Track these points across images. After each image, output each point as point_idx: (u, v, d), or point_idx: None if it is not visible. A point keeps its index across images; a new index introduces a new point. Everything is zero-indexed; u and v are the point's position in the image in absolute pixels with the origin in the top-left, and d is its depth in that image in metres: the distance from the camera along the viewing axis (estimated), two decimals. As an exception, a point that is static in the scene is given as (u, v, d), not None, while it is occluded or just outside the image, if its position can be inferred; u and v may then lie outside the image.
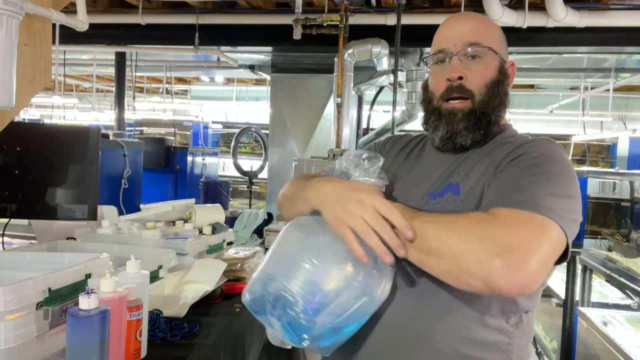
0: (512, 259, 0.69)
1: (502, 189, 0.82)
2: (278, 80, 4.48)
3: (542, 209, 0.75)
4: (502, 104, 0.97)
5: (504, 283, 0.69)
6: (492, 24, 1.01)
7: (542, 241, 0.73)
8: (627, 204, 4.43)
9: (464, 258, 0.71)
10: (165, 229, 1.88)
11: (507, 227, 0.73)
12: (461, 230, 0.74)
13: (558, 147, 0.91)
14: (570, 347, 3.44)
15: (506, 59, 1.00)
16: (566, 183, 0.82)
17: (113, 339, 0.97)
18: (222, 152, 7.48)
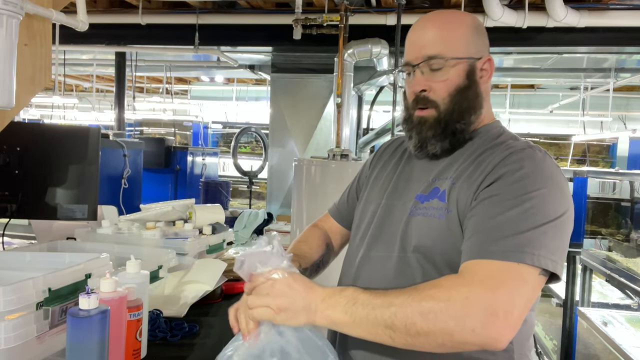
0: (500, 324, 0.73)
1: (480, 232, 0.82)
2: (278, 80, 4.48)
3: (522, 256, 0.77)
4: (472, 107, 0.95)
5: (498, 344, 0.74)
6: (455, 26, 0.95)
7: (521, 295, 0.76)
8: (627, 204, 4.43)
9: (459, 334, 0.74)
10: (165, 229, 1.88)
11: (488, 290, 0.75)
12: (447, 306, 0.74)
13: (542, 157, 0.88)
14: (570, 347, 3.44)
15: (480, 55, 0.95)
16: (551, 204, 0.82)
17: (113, 339, 0.97)
18: (222, 152, 7.48)
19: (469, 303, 0.74)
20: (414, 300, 0.76)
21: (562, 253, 0.82)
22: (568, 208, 0.84)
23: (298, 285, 0.80)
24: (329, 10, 3.35)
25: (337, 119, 3.09)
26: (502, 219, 0.81)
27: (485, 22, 3.31)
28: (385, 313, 0.75)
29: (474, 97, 0.95)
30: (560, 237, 0.81)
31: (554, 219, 0.81)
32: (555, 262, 0.79)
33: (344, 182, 1.28)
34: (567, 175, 3.67)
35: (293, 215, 2.91)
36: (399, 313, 0.75)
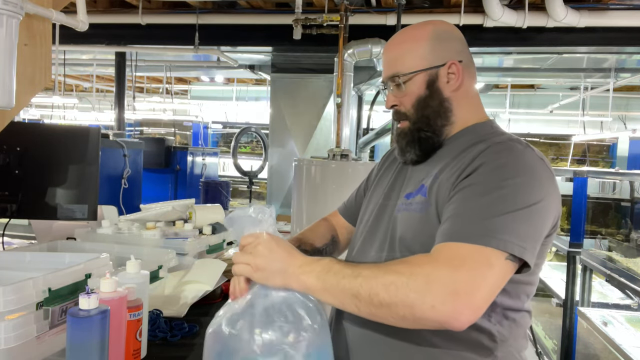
0: (460, 303, 0.75)
1: (453, 217, 0.85)
2: (278, 80, 4.48)
3: (489, 240, 0.79)
4: (436, 112, 0.99)
5: (456, 323, 0.76)
6: (410, 43, 1.01)
7: (486, 278, 0.77)
8: (627, 204, 4.44)
9: (418, 307, 0.76)
10: (165, 229, 1.88)
11: (451, 268, 0.77)
12: (409, 280, 0.77)
13: (521, 149, 0.90)
14: (570, 347, 3.44)
15: (443, 61, 0.99)
16: (525, 193, 0.83)
17: (113, 339, 0.97)
18: (222, 152, 7.48)
19: (431, 279, 0.76)
20: (380, 272, 0.79)
21: (534, 241, 0.82)
22: (544, 197, 0.85)
23: (279, 249, 0.85)
24: (329, 10, 3.35)
25: (337, 119, 3.09)
26: (474, 205, 0.83)
27: (485, 22, 3.31)
28: (353, 283, 0.79)
29: (438, 103, 1.00)
30: (532, 225, 0.82)
31: (527, 207, 0.82)
32: (524, 249, 0.80)
33: (344, 182, 1.31)
34: (567, 175, 3.69)
35: (293, 215, 2.91)
36: (365, 284, 0.79)
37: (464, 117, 1.01)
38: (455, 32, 1.05)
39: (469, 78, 1.02)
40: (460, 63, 1.00)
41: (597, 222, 4.37)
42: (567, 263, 3.59)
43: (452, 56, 1.00)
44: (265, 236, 0.86)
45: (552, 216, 0.88)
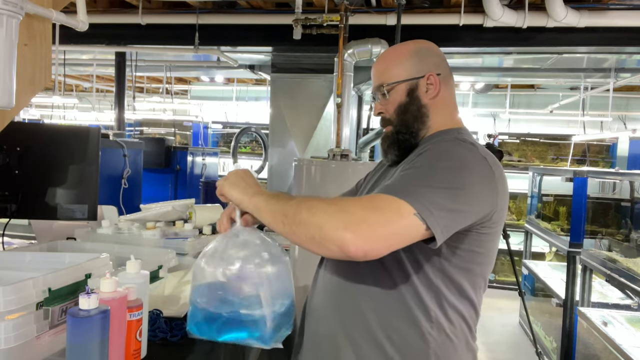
0: (359, 231, 0.85)
1: (390, 179, 1.00)
2: (278, 80, 4.47)
3: (406, 196, 0.89)
4: (415, 118, 1.12)
5: (351, 248, 0.85)
6: (394, 55, 1.17)
7: (389, 222, 0.88)
8: (627, 204, 4.44)
9: (325, 227, 0.87)
10: (165, 229, 1.88)
11: (366, 206, 0.89)
12: (329, 206, 0.90)
13: (464, 146, 1.01)
14: (570, 347, 3.44)
15: (423, 73, 1.12)
16: (449, 176, 0.93)
17: (113, 339, 0.97)
18: (222, 152, 7.47)
19: (344, 209, 0.88)
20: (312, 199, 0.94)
21: (445, 215, 0.90)
22: (469, 187, 0.94)
23: (246, 176, 1.07)
24: (329, 10, 3.35)
25: (337, 119, 3.09)
26: (405, 175, 0.96)
27: (485, 22, 3.31)
28: (287, 205, 0.95)
29: (417, 109, 1.13)
30: (448, 202, 0.91)
31: (449, 187, 0.92)
32: (431, 213, 0.88)
33: (344, 182, 1.35)
34: (567, 175, 3.68)
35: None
36: (295, 205, 0.93)
37: (438, 122, 1.13)
38: (435, 49, 1.18)
39: (446, 89, 1.15)
40: (438, 75, 1.13)
41: (597, 222, 4.37)
42: (567, 263, 3.59)
43: (431, 69, 1.13)
44: (242, 168, 1.08)
45: (479, 206, 0.96)
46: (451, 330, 1.02)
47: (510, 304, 5.39)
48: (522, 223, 5.64)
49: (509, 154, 6.68)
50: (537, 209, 4.88)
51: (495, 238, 1.05)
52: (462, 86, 6.84)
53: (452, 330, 1.02)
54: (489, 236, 1.02)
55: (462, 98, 7.19)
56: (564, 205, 4.78)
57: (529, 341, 4.28)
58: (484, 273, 1.06)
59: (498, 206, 1.00)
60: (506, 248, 3.39)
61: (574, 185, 3.60)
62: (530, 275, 4.49)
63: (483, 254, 1.03)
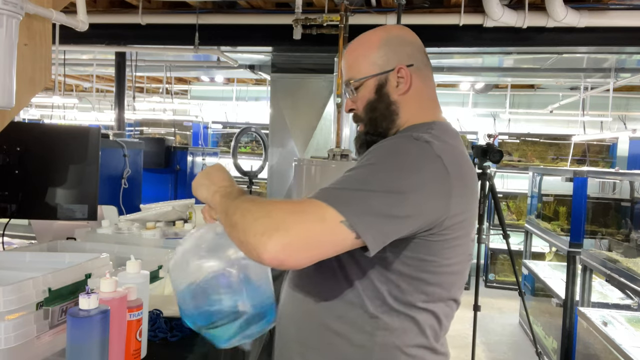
0: (275, 238, 0.80)
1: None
2: (278, 80, 4.47)
3: (335, 202, 0.83)
4: (384, 116, 1.05)
5: (265, 256, 0.80)
6: (362, 47, 1.07)
7: (309, 228, 0.82)
8: (627, 204, 4.43)
9: (247, 232, 0.83)
10: (165, 229, 1.88)
11: (290, 210, 0.84)
12: (259, 209, 0.85)
13: (416, 144, 0.92)
14: (570, 347, 3.44)
15: (392, 67, 1.04)
16: (390, 178, 0.86)
17: (113, 339, 0.97)
18: (222, 152, 7.47)
19: (267, 214, 0.83)
20: (250, 200, 0.89)
21: (380, 220, 0.84)
22: (412, 191, 0.86)
23: (214, 172, 1.02)
24: (329, 10, 3.35)
25: (337, 119, 3.09)
26: (340, 178, 0.90)
27: (485, 22, 3.31)
28: (232, 204, 0.91)
29: (385, 107, 1.05)
30: (385, 207, 0.84)
31: (384, 191, 0.85)
32: (362, 220, 0.82)
33: None
34: (567, 175, 3.68)
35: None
36: (235, 205, 0.89)
37: (409, 118, 1.05)
38: (408, 36, 1.08)
39: (420, 81, 1.06)
40: (410, 67, 1.04)
41: (597, 222, 4.37)
42: (567, 263, 3.59)
43: (402, 60, 1.04)
44: (219, 165, 1.06)
45: (420, 214, 0.88)
46: (401, 340, 0.96)
47: (510, 304, 5.39)
48: (522, 223, 5.64)
49: (509, 154, 6.68)
50: (537, 209, 4.88)
51: (453, 245, 0.95)
52: (462, 86, 6.84)
53: (403, 339, 0.96)
54: (442, 243, 0.93)
55: (462, 98, 7.19)
56: (564, 205, 4.77)
57: (529, 341, 4.28)
58: (442, 283, 0.97)
59: (451, 211, 0.91)
60: (506, 248, 3.39)
61: (574, 185, 3.60)
62: (530, 275, 4.49)
63: (434, 262, 0.94)
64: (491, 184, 3.34)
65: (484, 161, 3.31)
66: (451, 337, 3.76)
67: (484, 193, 3.33)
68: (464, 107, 7.14)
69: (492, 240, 6.28)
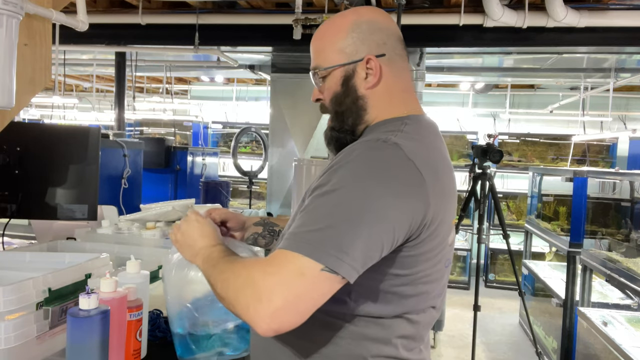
0: (261, 309, 0.75)
1: (296, 221, 0.84)
2: (278, 80, 4.48)
3: (308, 250, 0.76)
4: (351, 111, 0.96)
5: (259, 329, 0.77)
6: (330, 33, 0.97)
7: (290, 287, 0.76)
8: (627, 204, 4.43)
9: (236, 307, 0.80)
10: (165, 229, 1.88)
11: (265, 272, 0.78)
12: (236, 280, 0.81)
13: (383, 150, 0.84)
14: (570, 347, 3.44)
15: (360, 56, 0.94)
16: (366, 200, 0.78)
17: (113, 339, 0.97)
18: (222, 152, 7.47)
19: (247, 283, 0.79)
20: (226, 268, 0.86)
21: (362, 253, 0.77)
22: (390, 204, 0.79)
23: (195, 231, 1.00)
24: (329, 10, 3.35)
25: (337, 119, 3.09)
26: (310, 211, 0.82)
27: (485, 22, 3.31)
28: (212, 273, 0.88)
29: (352, 102, 0.96)
30: (356, 236, 0.77)
31: (361, 216, 0.78)
32: (341, 260, 0.76)
33: None
34: (567, 175, 3.68)
35: (293, 215, 2.90)
36: (214, 276, 0.87)
37: (376, 114, 0.96)
38: (382, 21, 0.97)
39: (392, 72, 0.96)
40: (381, 57, 0.94)
41: (597, 222, 4.37)
42: (567, 263, 3.59)
43: (372, 50, 0.94)
44: (193, 216, 1.03)
45: (399, 224, 0.80)
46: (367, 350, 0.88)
47: (510, 304, 5.39)
48: (522, 223, 5.64)
49: (509, 154, 6.68)
50: (537, 209, 4.88)
51: (429, 257, 0.88)
52: (462, 86, 6.84)
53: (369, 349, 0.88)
54: (417, 257, 0.86)
55: (462, 98, 7.19)
56: (564, 205, 4.77)
57: (529, 341, 4.28)
58: (419, 294, 0.89)
59: (427, 218, 0.83)
60: (506, 248, 3.39)
61: (574, 185, 3.60)
62: (530, 275, 4.49)
63: (409, 275, 0.87)
64: (491, 184, 3.34)
65: (484, 161, 3.31)
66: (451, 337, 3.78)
67: (484, 193, 3.33)
68: (464, 107, 7.14)
69: (492, 240, 6.28)
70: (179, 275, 1.10)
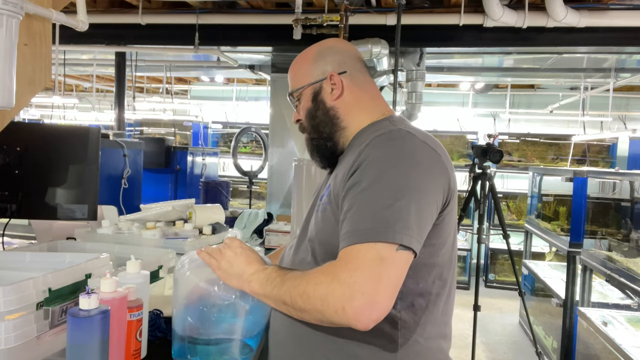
0: (356, 306, 0.80)
1: (346, 218, 0.90)
2: (278, 80, 4.48)
3: (377, 235, 0.84)
4: (325, 123, 1.11)
5: (359, 324, 0.82)
6: (300, 61, 1.15)
7: (380, 276, 0.82)
8: (627, 204, 4.43)
9: (326, 314, 0.84)
10: (165, 229, 1.88)
11: (348, 272, 0.83)
12: (317, 288, 0.85)
13: (400, 138, 0.95)
14: (570, 347, 3.44)
15: (325, 75, 1.10)
16: (401, 181, 0.88)
17: (113, 339, 0.97)
18: (222, 152, 7.47)
19: (332, 287, 0.83)
20: (297, 281, 0.89)
21: (419, 226, 0.87)
22: (424, 180, 0.90)
23: (241, 257, 1.02)
24: (329, 10, 3.35)
25: (337, 119, 3.09)
26: (360, 203, 0.89)
27: (485, 22, 3.31)
28: (280, 291, 0.91)
29: (324, 113, 1.11)
30: (415, 211, 0.86)
31: (407, 194, 0.87)
32: (410, 237, 0.85)
33: None
34: (567, 175, 3.68)
35: (293, 215, 2.90)
36: (287, 292, 0.90)
37: (357, 120, 1.09)
38: (341, 46, 1.15)
39: (355, 85, 1.11)
40: (342, 74, 1.10)
41: (597, 222, 4.37)
42: (567, 263, 3.59)
43: (334, 68, 1.10)
44: (236, 243, 1.05)
45: (438, 195, 0.92)
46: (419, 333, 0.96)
47: (510, 304, 5.39)
48: (522, 223, 5.64)
49: (509, 154, 6.68)
50: (537, 209, 4.88)
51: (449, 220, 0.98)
52: (462, 86, 6.84)
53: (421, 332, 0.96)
54: (447, 219, 0.97)
55: (462, 98, 7.19)
56: (564, 205, 4.77)
57: (529, 341, 4.28)
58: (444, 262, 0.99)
59: (451, 187, 0.96)
60: (506, 248, 3.39)
61: (574, 185, 3.60)
62: (530, 275, 4.49)
63: (437, 244, 0.97)
64: (491, 184, 3.34)
65: (484, 161, 3.31)
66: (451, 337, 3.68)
67: (484, 193, 3.33)
68: (464, 107, 7.14)
69: (492, 240, 6.28)
70: (193, 279, 1.10)
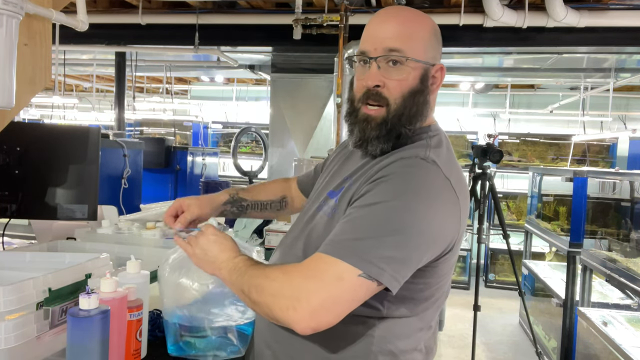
0: (301, 309, 0.80)
1: (337, 227, 0.87)
2: (278, 80, 4.48)
3: (348, 256, 0.80)
4: (419, 113, 0.95)
5: (297, 328, 0.81)
6: (418, 26, 0.95)
7: (329, 290, 0.80)
8: (627, 204, 4.43)
9: (272, 309, 0.83)
10: (165, 229, 1.88)
11: (306, 274, 0.82)
12: (272, 282, 0.84)
13: (424, 169, 0.88)
14: (570, 347, 3.44)
15: (434, 61, 0.96)
16: (409, 216, 0.82)
17: (113, 339, 0.97)
18: (222, 152, 7.47)
19: (285, 286, 0.83)
20: (258, 273, 0.88)
21: (398, 265, 0.81)
22: (432, 221, 0.84)
23: (215, 244, 0.98)
24: (329, 10, 3.35)
25: (337, 119, 3.09)
26: (355, 220, 0.85)
27: (485, 22, 3.31)
28: (242, 280, 0.89)
29: (423, 103, 0.95)
30: (399, 249, 0.81)
31: (403, 230, 0.82)
32: (382, 270, 0.80)
33: None
34: (567, 175, 3.68)
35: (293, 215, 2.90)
36: (247, 282, 0.88)
37: (427, 119, 0.99)
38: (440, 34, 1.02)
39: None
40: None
41: (597, 222, 4.37)
42: (567, 263, 3.59)
43: (438, 59, 0.98)
44: (210, 230, 1.01)
45: (437, 244, 0.86)
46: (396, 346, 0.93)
47: (510, 304, 5.39)
48: (522, 223, 5.64)
49: (509, 154, 6.67)
50: (537, 209, 4.88)
51: (453, 261, 0.95)
52: (462, 86, 6.83)
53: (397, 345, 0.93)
54: (445, 263, 0.92)
55: (462, 98, 7.19)
56: (564, 205, 4.77)
57: (529, 341, 4.28)
58: (440, 297, 0.97)
59: (459, 234, 0.90)
60: (506, 248, 3.39)
61: (574, 185, 3.60)
62: (530, 275, 4.49)
63: (436, 282, 0.93)
64: (491, 184, 3.34)
65: (484, 161, 3.31)
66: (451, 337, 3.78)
67: (484, 193, 3.33)
68: (464, 107, 7.14)
69: (492, 240, 6.27)
70: (173, 276, 1.13)
